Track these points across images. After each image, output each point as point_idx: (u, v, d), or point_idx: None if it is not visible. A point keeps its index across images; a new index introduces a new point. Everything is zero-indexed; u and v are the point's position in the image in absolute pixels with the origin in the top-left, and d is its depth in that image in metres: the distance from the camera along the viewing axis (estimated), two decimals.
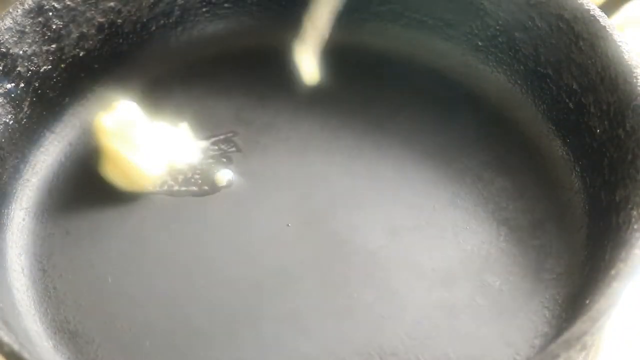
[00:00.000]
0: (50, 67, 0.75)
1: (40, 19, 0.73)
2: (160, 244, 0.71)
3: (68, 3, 0.74)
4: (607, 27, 0.69)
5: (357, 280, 0.68)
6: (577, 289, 0.66)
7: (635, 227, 0.60)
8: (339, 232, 0.71)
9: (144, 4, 0.78)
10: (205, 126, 0.77)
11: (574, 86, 0.72)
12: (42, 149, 0.76)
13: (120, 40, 0.78)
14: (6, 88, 0.71)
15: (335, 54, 0.79)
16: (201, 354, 0.65)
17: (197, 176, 0.74)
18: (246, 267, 0.69)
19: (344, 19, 0.80)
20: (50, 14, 0.74)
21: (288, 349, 0.65)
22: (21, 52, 0.72)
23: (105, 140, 0.73)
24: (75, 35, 0.76)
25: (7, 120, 0.72)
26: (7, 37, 0.71)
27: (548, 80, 0.75)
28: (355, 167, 0.74)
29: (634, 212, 0.62)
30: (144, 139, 0.73)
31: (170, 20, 0.80)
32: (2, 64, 0.71)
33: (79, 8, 0.75)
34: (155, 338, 0.65)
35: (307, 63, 0.76)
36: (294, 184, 0.74)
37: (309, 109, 0.78)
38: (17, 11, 0.72)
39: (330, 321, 0.66)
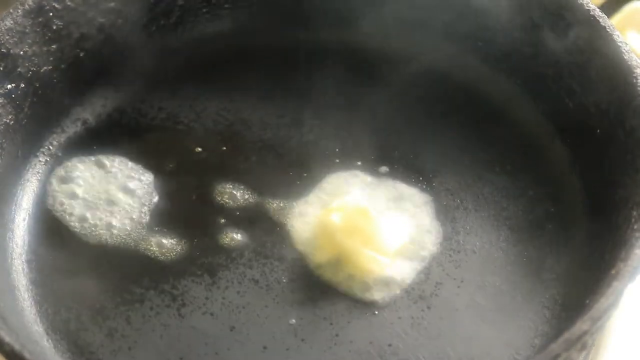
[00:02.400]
0: (50, 67, 0.74)
1: (40, 20, 0.73)
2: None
3: (68, 3, 0.74)
4: (607, 27, 0.70)
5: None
6: (577, 288, 0.66)
7: (635, 226, 0.60)
8: None
9: (144, 4, 0.78)
10: (206, 127, 0.77)
11: (574, 86, 0.72)
12: (42, 150, 0.76)
13: (121, 41, 0.78)
14: (7, 88, 0.71)
15: (336, 54, 0.79)
16: (201, 353, 0.65)
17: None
18: (246, 266, 0.69)
19: (345, 19, 0.81)
20: (51, 14, 0.74)
21: (288, 349, 0.65)
22: (22, 52, 0.72)
23: (340, 238, 0.68)
24: (75, 35, 0.76)
25: (8, 121, 0.72)
26: (7, 37, 0.71)
27: (548, 80, 0.75)
28: (355, 166, 0.74)
29: (634, 212, 0.62)
30: (374, 227, 0.69)
31: (170, 21, 0.80)
32: (2, 65, 0.71)
33: (80, 8, 0.75)
34: (155, 338, 0.66)
35: None
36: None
37: (310, 108, 0.78)
38: (18, 12, 0.72)
39: (330, 321, 0.66)
